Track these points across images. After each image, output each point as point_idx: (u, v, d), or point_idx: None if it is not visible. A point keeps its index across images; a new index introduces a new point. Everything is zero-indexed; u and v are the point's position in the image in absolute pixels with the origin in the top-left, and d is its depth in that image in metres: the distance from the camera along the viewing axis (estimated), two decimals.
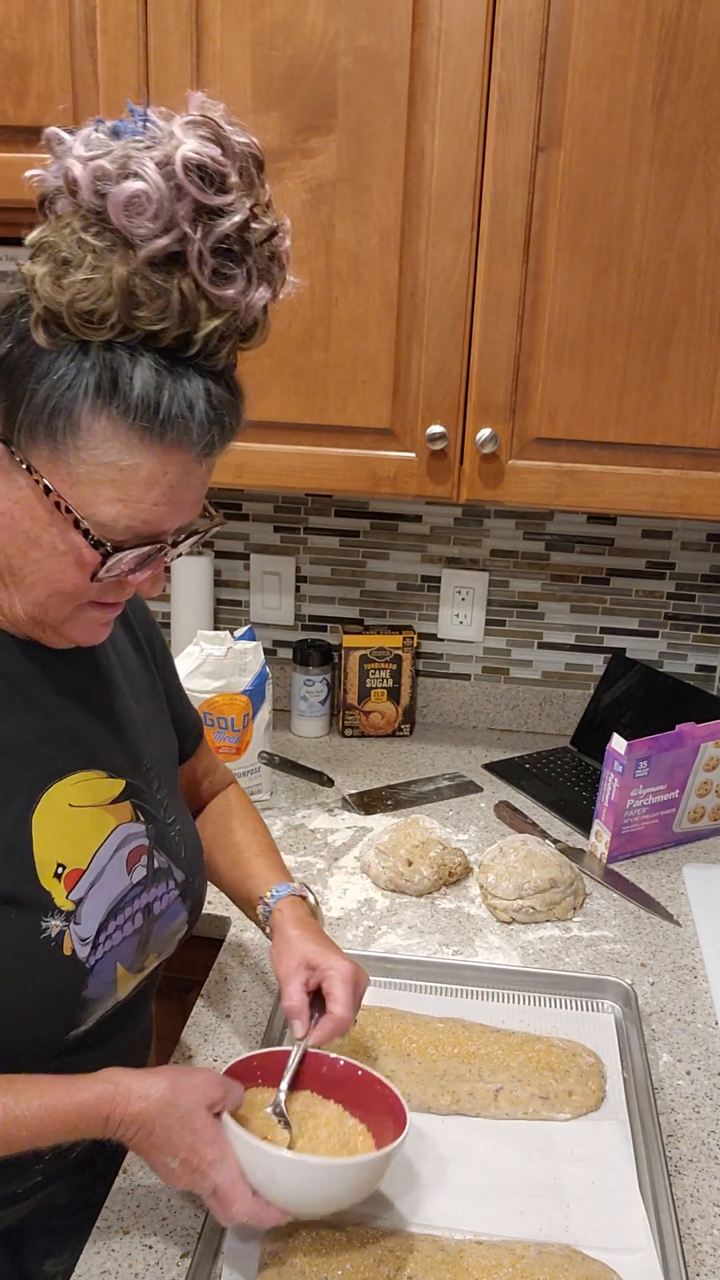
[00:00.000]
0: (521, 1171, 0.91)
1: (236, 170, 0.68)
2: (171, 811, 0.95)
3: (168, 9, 1.28)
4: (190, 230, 0.66)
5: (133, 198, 0.65)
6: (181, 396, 0.70)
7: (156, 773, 0.95)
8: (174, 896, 0.93)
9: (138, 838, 0.89)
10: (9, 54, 1.31)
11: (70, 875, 0.83)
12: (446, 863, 1.38)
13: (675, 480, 1.38)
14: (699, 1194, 0.91)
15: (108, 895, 0.86)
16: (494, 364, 1.36)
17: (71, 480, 0.71)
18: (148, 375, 0.69)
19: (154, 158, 0.65)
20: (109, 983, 0.85)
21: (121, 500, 0.72)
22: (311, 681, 1.83)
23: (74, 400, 0.69)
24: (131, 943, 0.88)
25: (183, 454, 0.72)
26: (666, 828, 1.50)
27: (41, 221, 0.71)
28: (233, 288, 0.69)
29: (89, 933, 0.83)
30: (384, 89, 1.28)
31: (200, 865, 0.99)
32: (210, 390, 0.72)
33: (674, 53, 1.23)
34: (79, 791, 0.85)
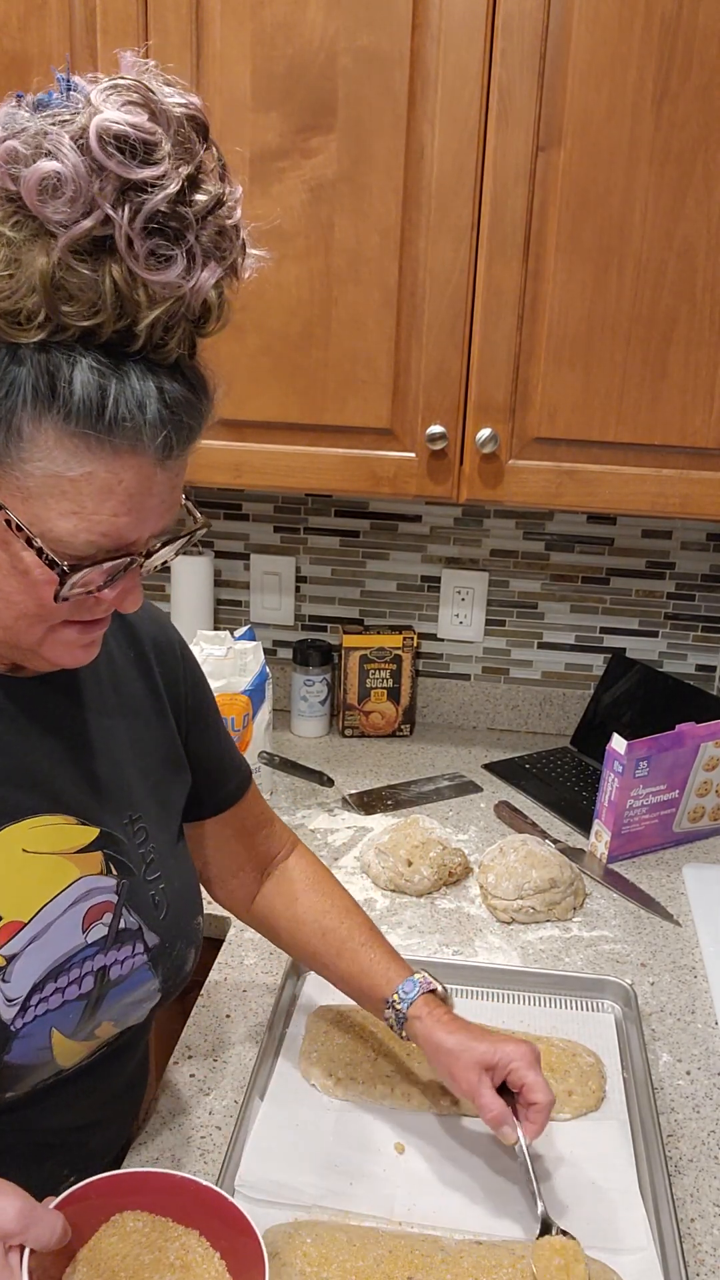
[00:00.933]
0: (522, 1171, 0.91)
1: (171, 138, 0.59)
2: (157, 867, 0.87)
3: (168, 9, 1.28)
4: (113, 211, 0.58)
5: (44, 179, 0.57)
6: (128, 397, 0.63)
7: (145, 823, 0.87)
8: (140, 962, 0.84)
9: (103, 893, 0.81)
10: (9, 54, 1.31)
11: (6, 927, 0.75)
12: (446, 863, 1.37)
13: (675, 480, 1.38)
14: (699, 1194, 0.91)
15: (50, 954, 0.78)
16: (494, 364, 1.36)
17: (23, 495, 0.65)
18: (88, 376, 0.62)
19: (70, 132, 0.58)
20: (39, 1048, 0.77)
21: (76, 513, 0.65)
22: (311, 681, 1.82)
23: (13, 410, 0.62)
24: (75, 1008, 0.79)
25: (137, 459, 0.65)
26: (666, 828, 1.50)
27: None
28: (171, 271, 0.61)
29: (18, 993, 0.75)
30: (384, 88, 1.28)
31: (187, 930, 0.89)
32: (163, 389, 0.64)
33: (674, 52, 1.23)
34: (37, 836, 0.78)
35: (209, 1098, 0.99)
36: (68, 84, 0.61)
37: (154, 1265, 0.70)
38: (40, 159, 0.58)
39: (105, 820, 0.83)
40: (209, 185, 0.62)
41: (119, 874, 0.83)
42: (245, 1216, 0.71)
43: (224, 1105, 0.98)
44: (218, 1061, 1.04)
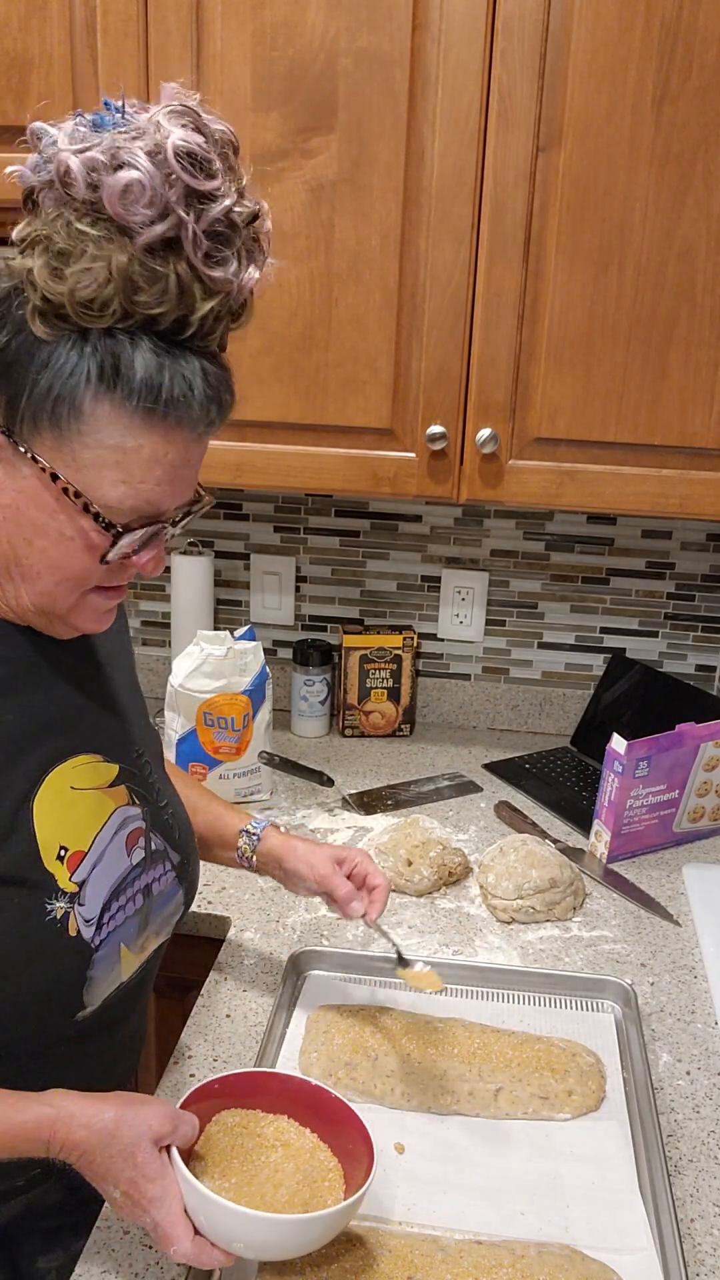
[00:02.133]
0: (521, 1171, 0.92)
1: (218, 156, 0.70)
2: (164, 795, 0.97)
3: (168, 9, 1.28)
4: (185, 215, 0.68)
5: (128, 186, 0.66)
6: (181, 377, 0.72)
7: (148, 756, 0.96)
8: (171, 877, 0.94)
9: (135, 820, 0.90)
10: (9, 54, 1.31)
11: (73, 857, 0.83)
12: (446, 863, 1.38)
13: (675, 480, 1.38)
14: (699, 1194, 0.91)
15: (109, 876, 0.86)
16: (494, 364, 1.36)
17: (76, 465, 0.73)
18: (149, 359, 0.71)
19: (144, 147, 0.67)
20: (113, 963, 0.86)
21: (125, 481, 0.74)
22: (311, 681, 1.83)
23: (76, 387, 0.71)
24: (133, 923, 0.88)
25: (183, 433, 0.74)
26: (666, 828, 1.50)
27: (26, 217, 0.73)
28: (226, 269, 0.71)
29: (93, 914, 0.84)
30: (384, 89, 1.28)
31: (193, 847, 1.00)
32: (206, 370, 0.74)
33: (674, 53, 1.23)
34: (80, 774, 0.86)
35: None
36: (121, 109, 0.71)
37: (258, 1148, 0.82)
38: (120, 169, 0.67)
39: (122, 756, 0.91)
40: (247, 200, 0.72)
41: (140, 803, 0.92)
42: (325, 1090, 0.85)
43: None
44: (218, 1061, 1.04)
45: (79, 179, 0.68)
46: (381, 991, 1.13)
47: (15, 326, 0.72)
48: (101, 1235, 0.84)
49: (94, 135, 0.69)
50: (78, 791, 0.85)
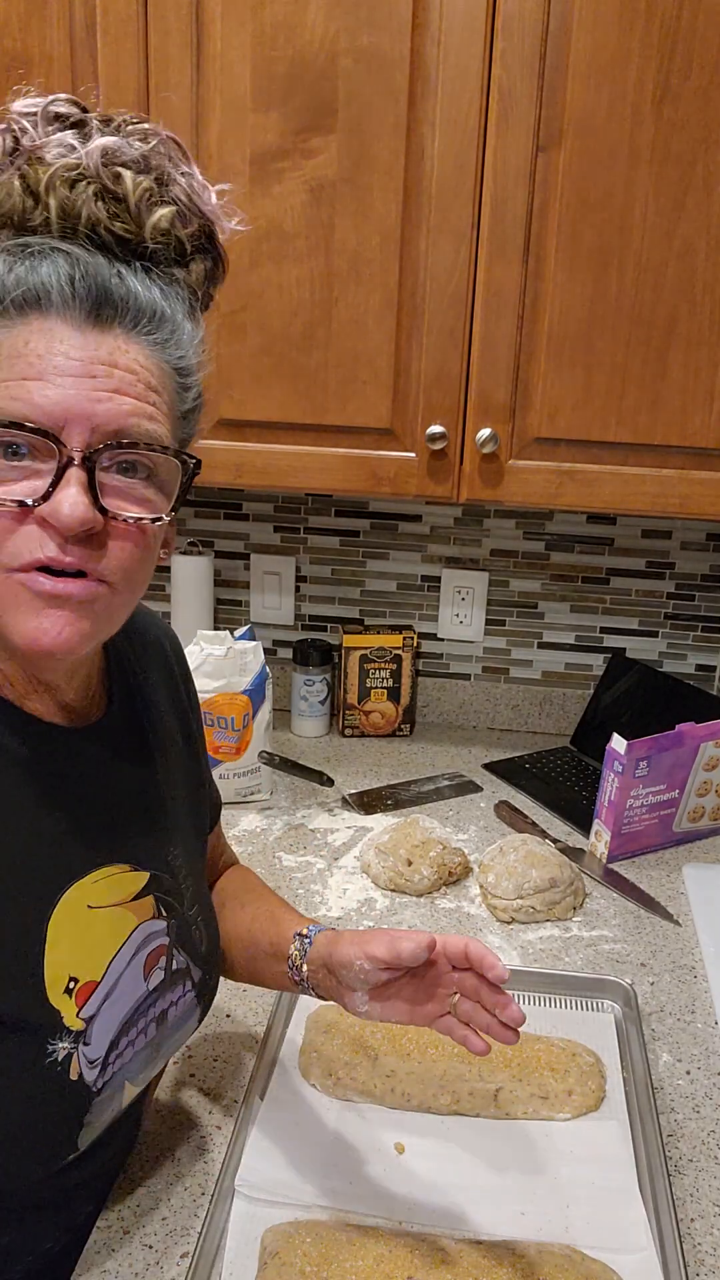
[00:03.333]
0: (521, 1171, 0.91)
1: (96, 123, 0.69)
2: (194, 900, 0.86)
3: (168, 9, 1.28)
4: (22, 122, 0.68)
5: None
6: (31, 264, 0.65)
7: (184, 856, 0.86)
8: (190, 998, 0.85)
9: (158, 937, 0.81)
10: (9, 54, 1.31)
11: (82, 990, 0.74)
12: (446, 862, 1.38)
13: (675, 480, 1.38)
14: (699, 1194, 0.91)
15: (121, 1009, 0.77)
16: (494, 364, 1.36)
17: None
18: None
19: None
20: (113, 1102, 0.77)
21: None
22: (311, 681, 1.83)
23: None
24: (142, 1056, 0.79)
25: (45, 323, 0.64)
26: (666, 827, 1.50)
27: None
28: (63, 135, 0.67)
29: (98, 1054, 0.74)
30: (384, 89, 1.28)
31: (218, 957, 0.90)
32: (75, 255, 0.65)
33: (674, 52, 1.23)
34: (100, 890, 0.76)
35: (209, 1098, 0.99)
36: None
37: None
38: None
39: (154, 863, 0.82)
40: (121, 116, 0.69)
41: (168, 914, 0.82)
42: None
43: (224, 1105, 0.98)
44: (218, 1061, 1.04)
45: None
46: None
47: None
48: (101, 1235, 0.84)
49: None
50: (95, 911, 0.75)
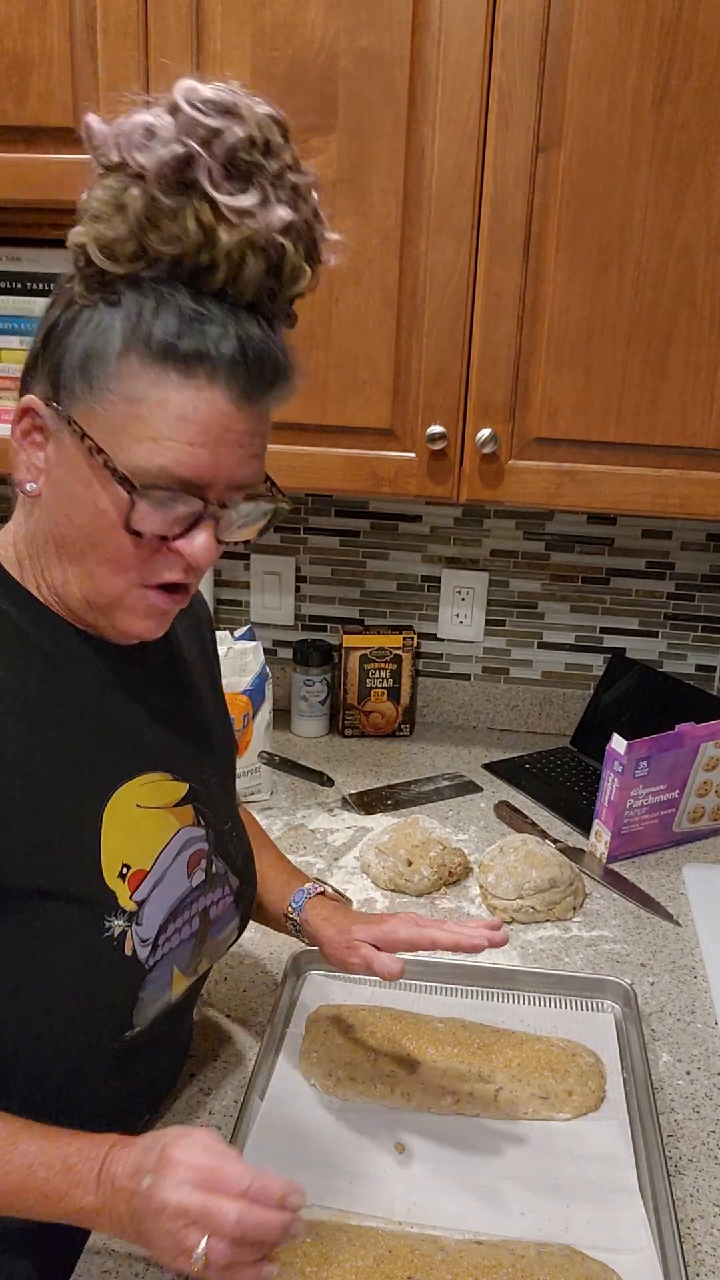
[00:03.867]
0: (521, 1171, 0.92)
1: (255, 125, 0.69)
2: (229, 818, 0.95)
3: (168, 9, 1.28)
4: (195, 146, 0.67)
5: (137, 129, 0.67)
6: (210, 327, 0.71)
7: (217, 777, 0.95)
8: (229, 902, 0.93)
9: (198, 841, 0.89)
10: (9, 54, 1.31)
11: (134, 876, 0.82)
12: (446, 863, 1.38)
13: (675, 480, 1.38)
14: (699, 1194, 0.91)
15: (169, 897, 0.85)
16: (494, 364, 1.36)
17: (108, 425, 0.72)
18: (177, 310, 0.70)
19: (156, 106, 0.69)
20: (165, 985, 0.85)
21: (151, 438, 0.71)
22: (311, 681, 1.83)
23: (107, 342, 0.71)
24: (188, 946, 0.87)
25: (211, 393, 0.71)
26: (666, 828, 1.50)
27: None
28: (246, 199, 0.69)
29: (149, 934, 0.82)
30: (384, 89, 1.28)
31: (252, 872, 0.99)
32: (242, 332, 0.71)
33: (674, 53, 1.23)
34: (146, 793, 0.85)
35: (209, 1098, 0.99)
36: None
37: None
38: (129, 121, 0.68)
39: (191, 776, 0.90)
40: (286, 151, 0.71)
41: (206, 825, 0.90)
42: None
43: (224, 1105, 0.98)
44: (218, 1061, 1.04)
45: (102, 135, 0.69)
46: (382, 991, 1.13)
47: (66, 301, 0.74)
48: (101, 1236, 0.84)
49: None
50: (143, 810, 0.84)
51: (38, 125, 1.33)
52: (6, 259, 1.45)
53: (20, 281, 1.45)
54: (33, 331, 1.49)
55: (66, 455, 0.74)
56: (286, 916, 1.03)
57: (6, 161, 1.34)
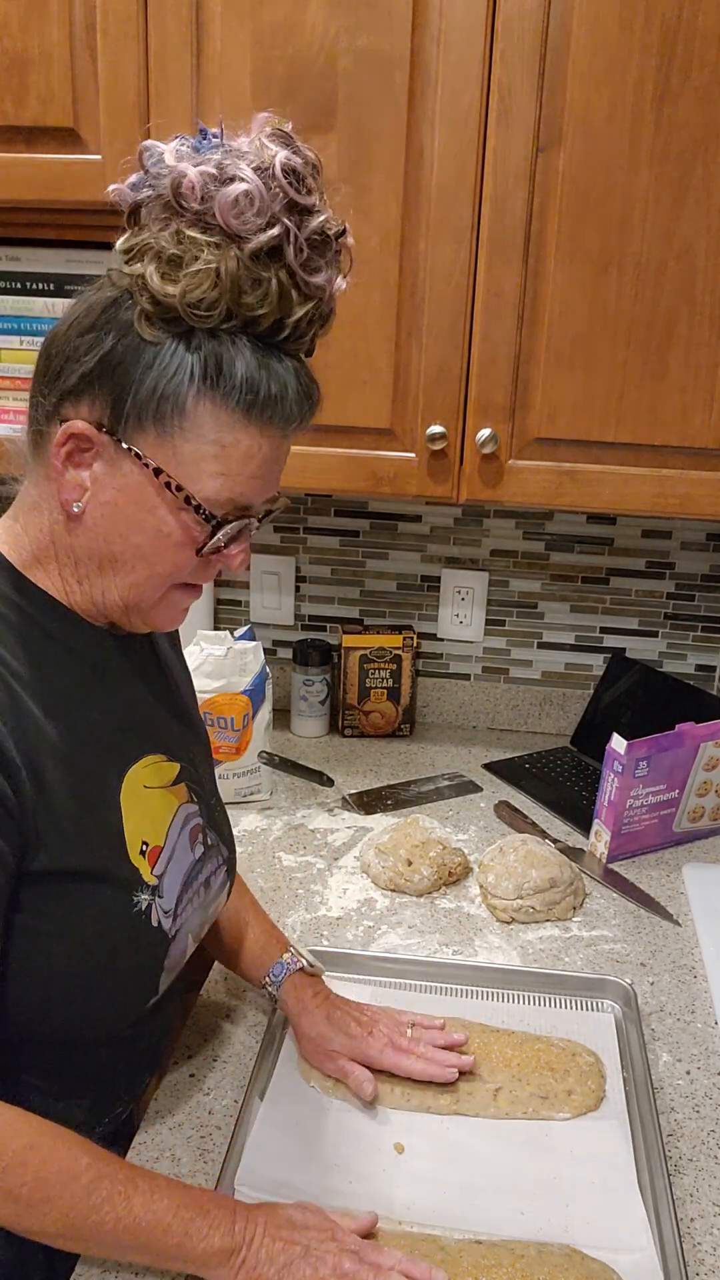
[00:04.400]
0: (521, 1171, 0.91)
1: (310, 174, 0.76)
2: (212, 793, 1.01)
3: (168, 9, 1.28)
4: (290, 224, 0.74)
5: (239, 197, 0.72)
6: (278, 377, 0.78)
7: (200, 757, 1.01)
8: (223, 871, 0.99)
9: (194, 817, 0.95)
10: (9, 54, 1.31)
11: (152, 852, 0.87)
12: (446, 862, 1.38)
13: (675, 480, 1.38)
14: (699, 1194, 0.91)
15: (180, 870, 0.91)
16: (494, 364, 1.36)
17: (177, 460, 0.78)
18: (249, 358, 0.76)
19: (250, 164, 0.73)
20: (182, 951, 0.91)
21: (224, 474, 0.79)
22: (311, 681, 1.83)
23: (180, 385, 0.76)
24: (198, 914, 0.94)
25: (274, 429, 0.79)
26: (666, 827, 1.50)
27: (129, 230, 0.78)
28: (321, 276, 0.78)
29: (170, 905, 0.88)
30: (384, 89, 1.28)
31: (233, 841, 1.05)
32: (299, 373, 0.80)
33: (674, 53, 1.23)
34: (150, 773, 0.90)
35: (209, 1098, 0.99)
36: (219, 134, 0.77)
37: None
38: (230, 182, 0.72)
39: (181, 756, 0.95)
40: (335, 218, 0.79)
41: (197, 800, 0.96)
42: None
43: (224, 1105, 0.98)
44: (218, 1061, 1.04)
45: (196, 189, 0.73)
46: (382, 991, 1.13)
47: (121, 330, 0.76)
48: None
49: (195, 155, 0.75)
50: (150, 790, 0.89)
51: (38, 125, 1.33)
52: (6, 259, 1.45)
53: (20, 281, 1.45)
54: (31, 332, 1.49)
55: (124, 481, 0.79)
56: (264, 985, 1.07)
57: (6, 161, 1.34)
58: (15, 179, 1.35)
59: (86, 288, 0.81)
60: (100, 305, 0.78)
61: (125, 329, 0.76)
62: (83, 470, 0.79)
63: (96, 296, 0.79)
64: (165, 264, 0.74)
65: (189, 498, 0.78)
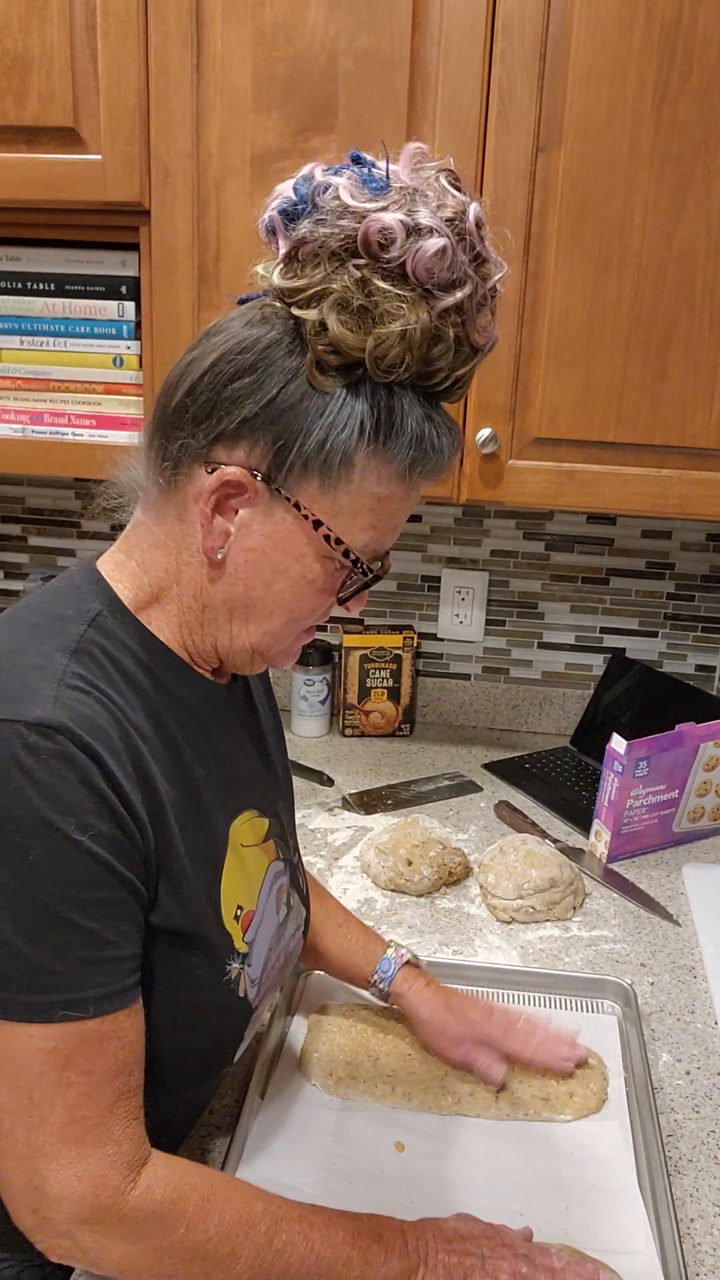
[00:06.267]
0: (522, 1172, 0.92)
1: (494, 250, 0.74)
2: (295, 849, 0.97)
3: (168, 9, 1.28)
4: (478, 281, 0.72)
5: (437, 253, 0.69)
6: (438, 433, 0.75)
7: (286, 812, 0.96)
8: (300, 934, 0.96)
9: (281, 876, 0.90)
10: (9, 54, 1.31)
11: (246, 917, 0.83)
12: (446, 862, 1.38)
13: (675, 480, 1.38)
14: (699, 1194, 0.91)
15: (267, 935, 0.86)
16: (494, 364, 1.36)
17: (334, 511, 0.75)
18: (418, 414, 0.74)
19: (443, 215, 0.70)
20: (259, 1018, 0.87)
21: (375, 527, 0.76)
22: (311, 681, 1.83)
23: (350, 439, 0.72)
24: (277, 979, 0.90)
25: (427, 482, 0.78)
26: (666, 827, 1.50)
27: (285, 263, 0.73)
28: (493, 330, 0.75)
29: (257, 974, 0.84)
30: (384, 89, 1.28)
31: (309, 899, 1.01)
32: (451, 430, 0.76)
33: (674, 54, 1.23)
34: (246, 831, 0.85)
35: (209, 1097, 0.99)
36: (385, 169, 0.72)
37: None
38: (429, 235, 0.69)
39: (270, 810, 0.90)
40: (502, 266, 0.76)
41: (284, 858, 0.92)
42: None
43: (224, 1105, 0.98)
44: None
45: (396, 241, 0.68)
46: None
47: (287, 375, 0.72)
48: None
49: (371, 193, 0.70)
50: (246, 849, 0.85)
51: (38, 125, 1.33)
52: (6, 259, 1.45)
53: (20, 281, 1.45)
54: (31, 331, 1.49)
55: (275, 529, 0.75)
56: (371, 982, 1.04)
57: (6, 161, 1.34)
58: (15, 179, 1.35)
59: (222, 318, 0.77)
60: (260, 345, 0.72)
61: (292, 374, 0.72)
62: (227, 516, 0.75)
63: (250, 334, 0.73)
64: (351, 314, 0.70)
65: (348, 551, 0.76)
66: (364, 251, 0.69)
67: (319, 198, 0.70)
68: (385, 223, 0.68)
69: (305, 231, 0.71)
